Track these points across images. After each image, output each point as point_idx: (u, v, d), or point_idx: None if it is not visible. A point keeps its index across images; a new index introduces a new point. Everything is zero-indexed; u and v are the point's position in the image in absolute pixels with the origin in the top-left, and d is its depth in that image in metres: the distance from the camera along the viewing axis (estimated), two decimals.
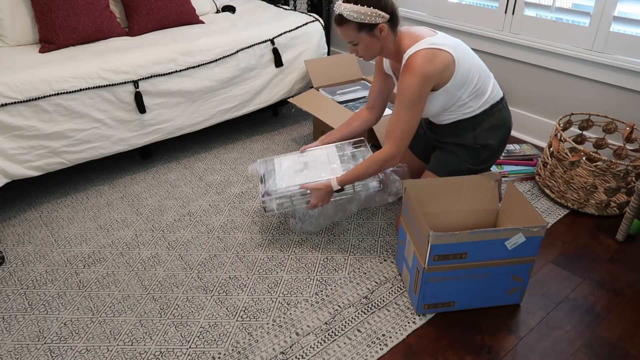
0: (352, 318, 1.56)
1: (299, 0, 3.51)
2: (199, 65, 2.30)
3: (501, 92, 1.75)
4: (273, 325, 1.54)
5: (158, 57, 2.19)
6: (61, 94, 1.95)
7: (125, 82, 2.10)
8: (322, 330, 1.52)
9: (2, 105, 1.83)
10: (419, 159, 2.00)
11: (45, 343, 1.48)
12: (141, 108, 2.17)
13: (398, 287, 1.68)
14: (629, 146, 2.22)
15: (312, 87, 2.66)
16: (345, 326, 1.53)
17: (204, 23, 2.63)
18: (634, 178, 1.96)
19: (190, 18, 2.57)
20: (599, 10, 2.19)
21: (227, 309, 1.60)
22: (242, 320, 1.56)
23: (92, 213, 2.08)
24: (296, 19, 2.69)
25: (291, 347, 1.46)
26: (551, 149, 2.13)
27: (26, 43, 2.29)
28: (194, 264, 1.79)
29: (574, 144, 2.02)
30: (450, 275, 1.49)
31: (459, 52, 1.60)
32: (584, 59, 2.30)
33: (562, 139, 2.05)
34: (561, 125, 2.21)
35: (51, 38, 2.19)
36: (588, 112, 2.24)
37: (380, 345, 1.47)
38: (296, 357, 1.43)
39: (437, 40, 1.58)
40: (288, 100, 2.59)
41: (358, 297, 1.64)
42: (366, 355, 1.44)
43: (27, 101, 1.88)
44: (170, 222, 2.01)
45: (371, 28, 1.56)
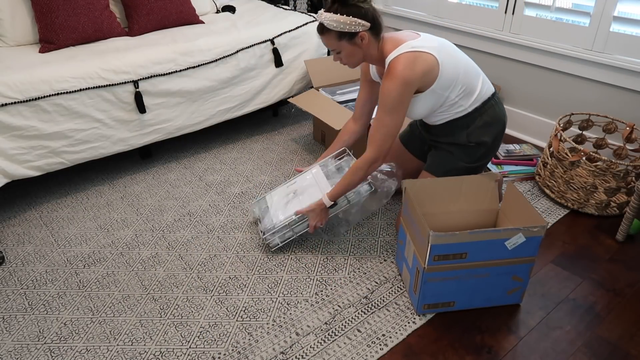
0: (352, 318, 1.56)
1: (299, 0, 3.52)
2: (199, 65, 2.30)
3: (492, 88, 1.74)
4: (273, 325, 1.54)
5: (158, 57, 2.19)
6: (61, 94, 1.95)
7: (125, 82, 2.10)
8: (322, 330, 1.52)
9: (2, 105, 1.83)
10: (417, 158, 2.01)
11: (45, 343, 1.48)
12: (141, 108, 2.17)
13: (398, 287, 1.68)
14: (629, 146, 2.22)
15: (312, 87, 2.66)
16: (345, 326, 1.53)
17: (204, 23, 2.63)
18: (634, 178, 1.96)
19: (190, 18, 2.57)
20: (599, 10, 2.19)
21: (227, 309, 1.60)
22: (242, 320, 1.56)
23: (92, 213, 2.08)
24: (296, 19, 2.69)
25: (291, 347, 1.46)
26: (551, 149, 2.13)
27: (26, 43, 2.29)
28: (194, 264, 1.79)
29: (574, 144, 2.02)
30: (450, 275, 1.49)
31: (443, 53, 1.59)
32: (584, 59, 2.30)
33: (562, 139, 2.05)
34: (561, 125, 2.21)
35: (51, 38, 2.19)
36: (588, 112, 2.24)
37: (380, 345, 1.47)
38: (296, 357, 1.43)
39: (419, 43, 1.57)
40: (288, 100, 2.59)
41: (358, 297, 1.64)
42: (366, 355, 1.44)
43: (27, 101, 1.88)
44: (170, 222, 2.01)
45: (352, 36, 1.57)
